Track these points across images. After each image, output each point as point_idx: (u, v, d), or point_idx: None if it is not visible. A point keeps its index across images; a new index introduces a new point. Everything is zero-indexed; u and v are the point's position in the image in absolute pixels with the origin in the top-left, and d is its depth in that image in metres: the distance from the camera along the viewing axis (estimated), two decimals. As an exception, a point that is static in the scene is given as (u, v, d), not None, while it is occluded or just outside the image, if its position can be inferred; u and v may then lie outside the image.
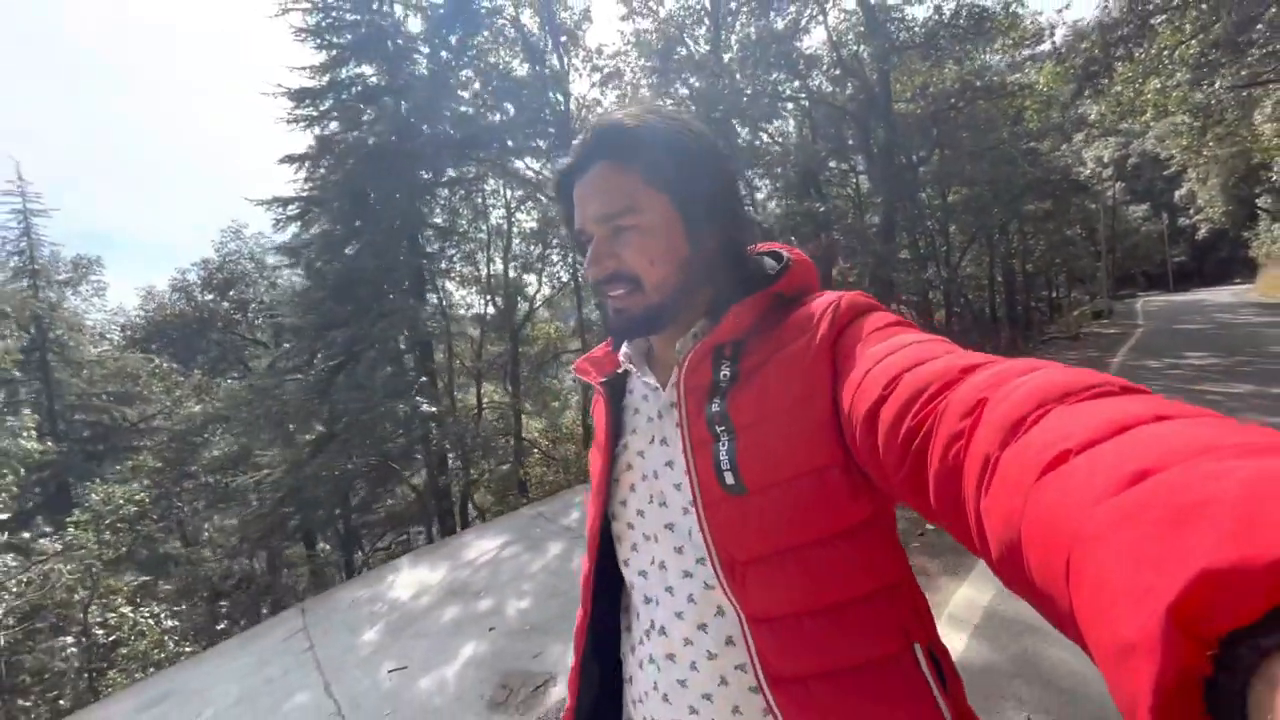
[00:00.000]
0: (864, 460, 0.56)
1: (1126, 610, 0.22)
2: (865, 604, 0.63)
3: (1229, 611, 0.19)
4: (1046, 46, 13.70)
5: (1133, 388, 0.35)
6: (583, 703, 0.82)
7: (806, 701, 0.63)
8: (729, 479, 0.65)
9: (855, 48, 15.89)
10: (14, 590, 6.83)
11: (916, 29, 13.69)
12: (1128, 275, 46.61)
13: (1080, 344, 17.23)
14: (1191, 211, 32.72)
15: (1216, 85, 12.48)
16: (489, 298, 14.27)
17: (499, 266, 14.97)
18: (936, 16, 13.50)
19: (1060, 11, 12.34)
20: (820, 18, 15.49)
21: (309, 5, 13.53)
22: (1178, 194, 32.99)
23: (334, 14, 13.73)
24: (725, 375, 0.68)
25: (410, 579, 5.31)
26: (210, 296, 17.28)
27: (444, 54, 10.98)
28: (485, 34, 11.35)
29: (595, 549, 0.81)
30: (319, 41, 13.63)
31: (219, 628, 10.63)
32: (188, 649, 8.72)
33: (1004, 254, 25.16)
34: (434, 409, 8.91)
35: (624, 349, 0.84)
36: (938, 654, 0.65)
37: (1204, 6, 8.90)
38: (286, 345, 10.92)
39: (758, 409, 0.65)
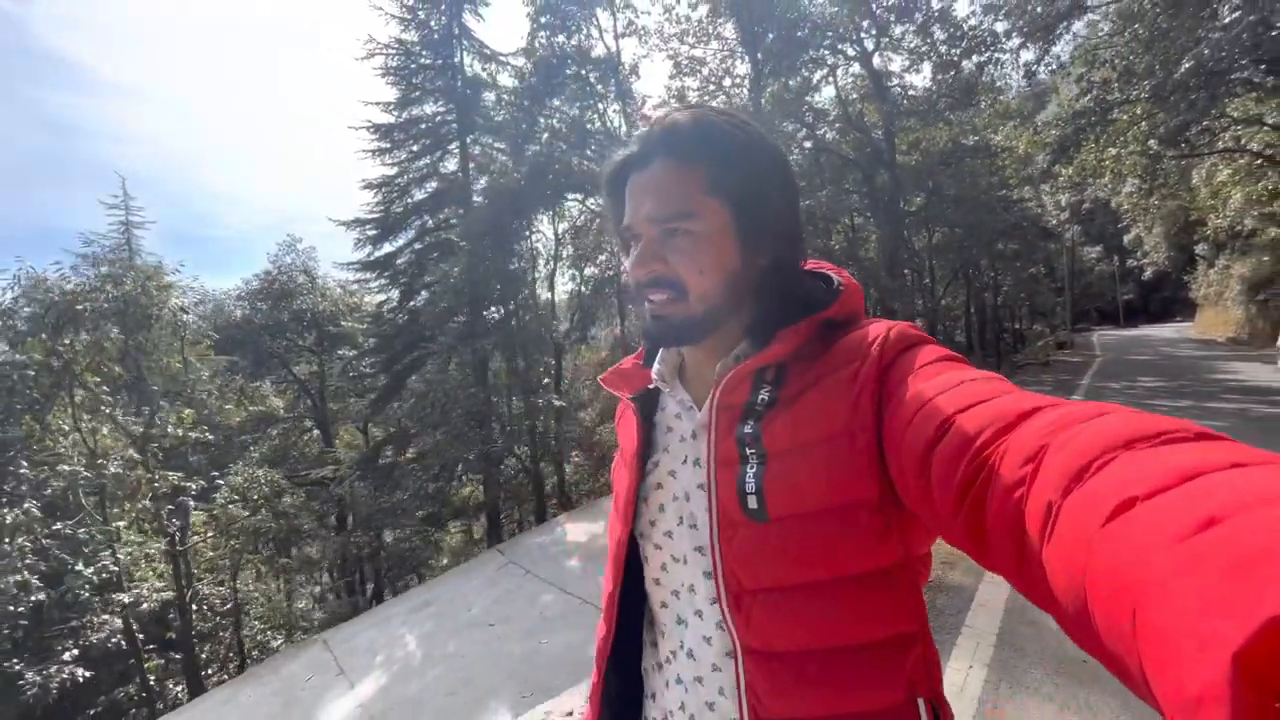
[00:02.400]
0: (914, 502, 0.54)
1: (1194, 659, 0.22)
2: (874, 651, 0.61)
3: None
4: (1028, 107, 16.22)
5: (1209, 434, 0.34)
6: (604, 717, 0.82)
7: None
8: (752, 503, 0.63)
9: (859, 106, 18.28)
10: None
11: (918, 96, 16.09)
12: (1084, 311, 50.50)
13: (1052, 369, 19.67)
14: (1139, 255, 36.30)
15: (1160, 156, 15.11)
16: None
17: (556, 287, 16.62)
18: (934, 87, 15.91)
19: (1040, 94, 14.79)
20: (831, 78, 17.84)
21: (392, 49, 15.21)
22: (1127, 238, 36.57)
23: (412, 58, 15.42)
24: (763, 399, 0.66)
25: (576, 529, 6.88)
26: (267, 305, 18.44)
27: (526, 102, 12.69)
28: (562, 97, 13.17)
29: (622, 568, 0.78)
30: (399, 81, 15.27)
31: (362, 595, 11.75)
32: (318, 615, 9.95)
33: (978, 289, 28.00)
34: (562, 403, 10.38)
35: (656, 365, 0.81)
36: (940, 709, 0.63)
37: (1151, 102, 11.34)
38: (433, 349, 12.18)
39: (793, 436, 0.62)
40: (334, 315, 18.68)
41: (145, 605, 7.21)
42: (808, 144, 17.83)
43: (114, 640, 7.73)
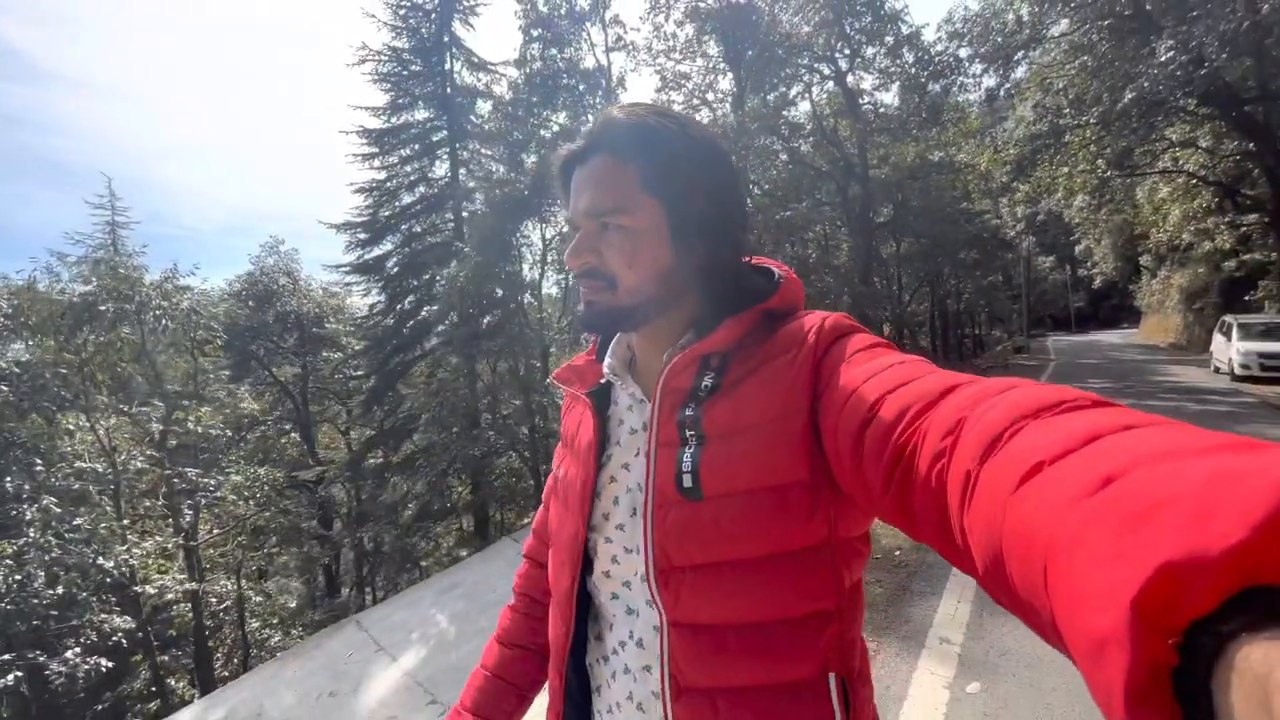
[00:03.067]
0: (848, 483, 0.56)
1: (1096, 607, 0.23)
2: (793, 626, 0.64)
3: (1189, 602, 0.20)
4: (991, 130, 17.37)
5: (1104, 401, 0.37)
6: (567, 715, 0.81)
7: (708, 715, 0.64)
8: (687, 481, 0.65)
9: (833, 121, 19.22)
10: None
11: (889, 114, 17.07)
12: (1039, 317, 52.98)
13: (1011, 372, 20.91)
14: (1089, 265, 38.49)
15: (1109, 174, 16.40)
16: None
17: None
18: (903, 106, 16.92)
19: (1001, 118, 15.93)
20: (807, 94, 18.74)
21: (383, 55, 15.46)
22: (1078, 249, 38.73)
23: (404, 65, 15.69)
24: (707, 384, 0.68)
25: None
26: (249, 307, 18.35)
27: (520, 111, 13.12)
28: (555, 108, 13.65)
29: (579, 563, 0.77)
30: (392, 88, 15.51)
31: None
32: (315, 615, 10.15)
33: (941, 296, 29.41)
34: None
35: (607, 359, 0.82)
36: (850, 685, 0.66)
37: (1099, 129, 12.44)
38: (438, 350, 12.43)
39: (733, 420, 0.65)
40: (318, 317, 18.69)
41: (170, 596, 7.38)
42: (783, 156, 18.69)
43: (115, 638, 7.84)
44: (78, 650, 6.49)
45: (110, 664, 6.56)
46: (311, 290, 19.64)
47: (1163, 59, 10.09)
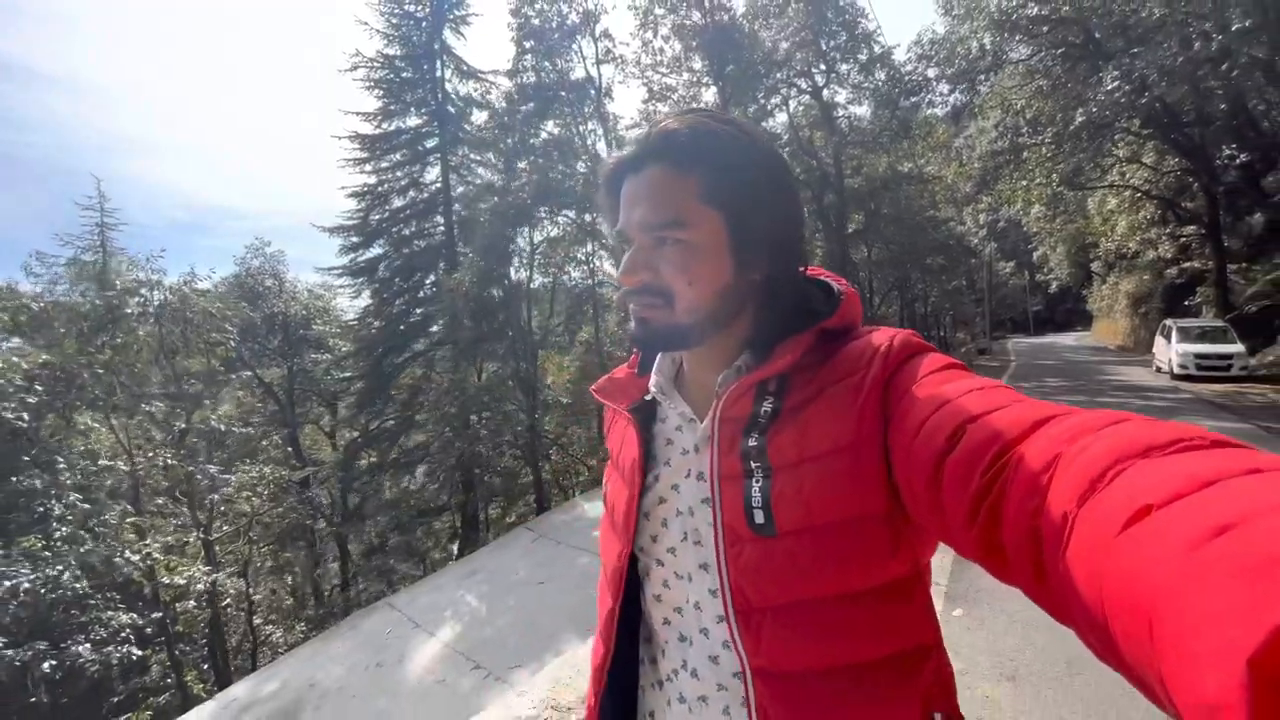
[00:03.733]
0: (922, 513, 0.53)
1: (1209, 667, 0.21)
2: (887, 668, 0.60)
3: None
4: (957, 145, 18.49)
5: (1226, 441, 0.34)
6: None
7: None
8: (759, 518, 0.62)
9: (809, 133, 20.15)
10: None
11: (862, 128, 18.09)
12: (1000, 320, 55.31)
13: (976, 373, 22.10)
14: (1045, 271, 40.50)
15: (1061, 188, 17.67)
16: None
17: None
18: (875, 120, 17.93)
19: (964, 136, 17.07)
20: (784, 106, 19.62)
21: (375, 62, 15.74)
22: (1035, 256, 40.73)
23: (396, 71, 15.99)
24: (766, 411, 0.65)
25: (595, 508, 7.86)
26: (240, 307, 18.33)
27: (518, 119, 13.60)
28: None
29: (622, 585, 0.75)
30: (386, 95, 15.80)
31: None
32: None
33: (909, 300, 30.78)
34: (567, 400, 11.23)
35: (654, 376, 0.79)
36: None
37: (1053, 147, 13.54)
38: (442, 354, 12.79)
39: (799, 449, 0.61)
40: (305, 319, 18.77)
41: (200, 586, 7.63)
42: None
43: (126, 632, 8.06)
44: (105, 640, 6.73)
45: (139, 652, 6.80)
46: (298, 292, 19.71)
47: (1109, 87, 11.13)
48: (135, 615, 7.57)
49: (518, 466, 13.91)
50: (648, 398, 0.79)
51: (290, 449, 18.51)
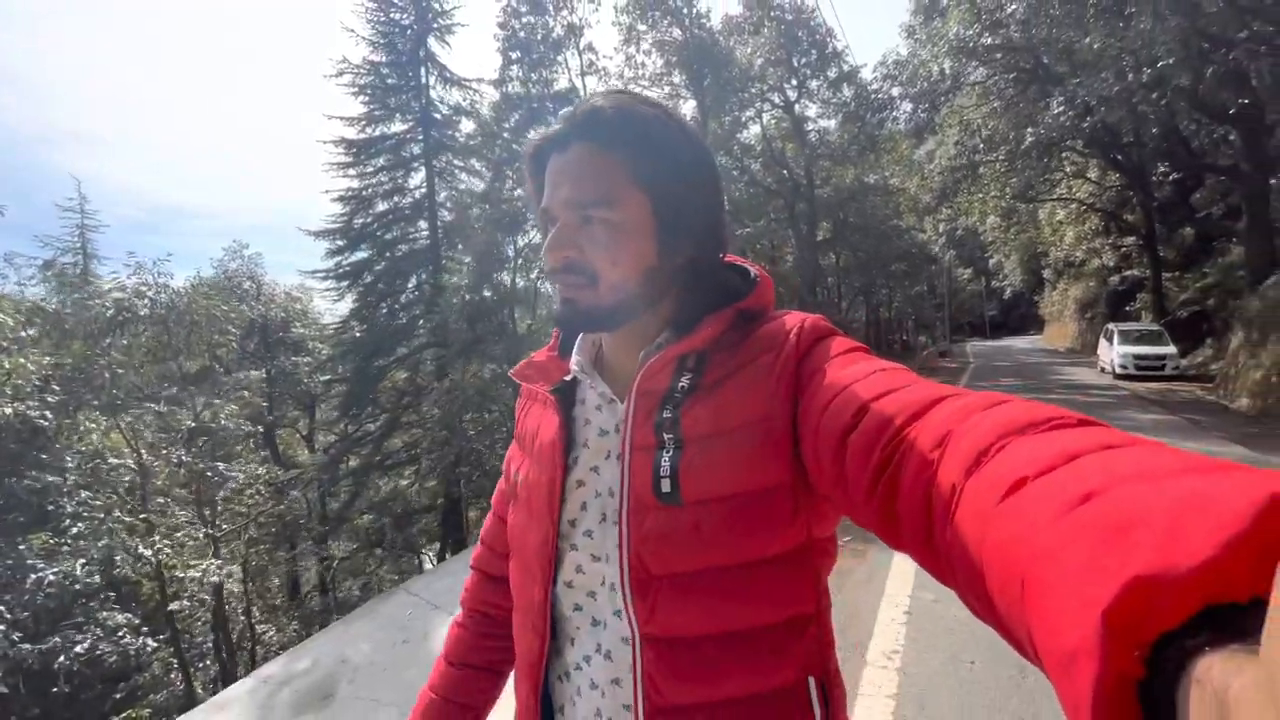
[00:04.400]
0: (826, 485, 0.56)
1: (1069, 620, 0.23)
2: (773, 632, 0.63)
3: (1157, 616, 0.21)
4: (920, 155, 19.63)
5: (1090, 421, 0.37)
6: None
7: None
8: (665, 486, 0.63)
9: (782, 144, 21.08)
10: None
11: (832, 141, 19.09)
12: (959, 324, 57.66)
13: (937, 374, 23.33)
14: (1001, 277, 42.62)
15: (1015, 200, 18.95)
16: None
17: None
18: (843, 135, 18.94)
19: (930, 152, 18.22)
20: (757, 118, 20.49)
21: (360, 69, 15.96)
22: (991, 263, 42.80)
23: (381, 77, 16.24)
24: (684, 385, 0.67)
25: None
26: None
27: (506, 129, 14.03)
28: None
29: (549, 570, 0.72)
30: (368, 101, 16.02)
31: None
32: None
33: (874, 305, 32.15)
34: None
35: (575, 356, 0.78)
36: (829, 686, 0.66)
37: (1006, 164, 14.64)
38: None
39: (714, 422, 0.63)
40: (284, 322, 18.74)
41: (216, 579, 7.81)
42: (743, 178, 20.34)
43: (120, 633, 8.21)
44: (115, 629, 6.91)
45: (154, 644, 6.97)
46: (276, 295, 19.64)
47: (1055, 111, 12.19)
48: (132, 614, 7.73)
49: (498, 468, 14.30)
50: (568, 378, 0.78)
51: (267, 452, 18.46)
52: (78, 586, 6.14)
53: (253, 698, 5.58)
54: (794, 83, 18.62)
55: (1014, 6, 12.62)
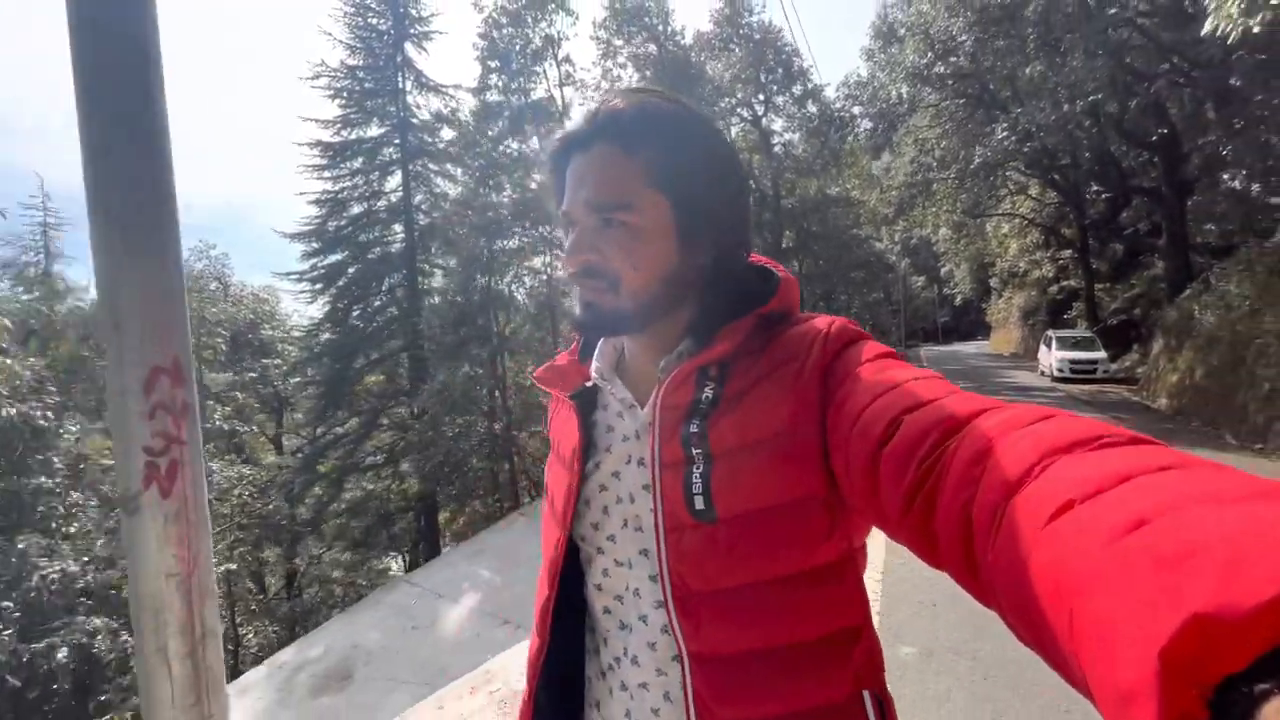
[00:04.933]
0: (858, 498, 0.55)
1: (1124, 656, 0.22)
2: (822, 647, 0.61)
3: (1220, 656, 0.19)
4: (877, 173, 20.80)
5: (1142, 439, 0.35)
6: None
7: None
8: (699, 504, 0.62)
9: (749, 156, 21.96)
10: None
11: (797, 155, 20.08)
12: (913, 330, 60.06)
13: (891, 377, 24.58)
14: (952, 285, 44.80)
15: (965, 214, 20.29)
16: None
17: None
18: (807, 149, 19.96)
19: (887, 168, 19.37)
20: (727, 131, 21.31)
21: (337, 72, 16.01)
22: (943, 271, 44.95)
23: (358, 81, 16.32)
24: (708, 397, 0.65)
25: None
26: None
27: (488, 137, 14.35)
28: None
29: (558, 574, 0.74)
30: (345, 104, 16.08)
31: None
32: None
33: (834, 311, 33.48)
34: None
35: (594, 362, 0.78)
36: (884, 700, 0.65)
37: (957, 181, 15.80)
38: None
39: (739, 435, 0.62)
40: (253, 324, 18.51)
41: (223, 568, 7.83)
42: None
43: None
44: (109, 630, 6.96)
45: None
46: (244, 296, 19.36)
47: (1000, 136, 13.29)
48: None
49: (487, 466, 14.57)
50: (589, 384, 0.78)
51: (234, 456, 18.16)
52: (79, 585, 6.21)
53: (270, 682, 5.86)
54: (761, 98, 19.51)
55: (963, 38, 13.70)
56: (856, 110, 18.20)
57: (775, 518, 0.60)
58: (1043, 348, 18.25)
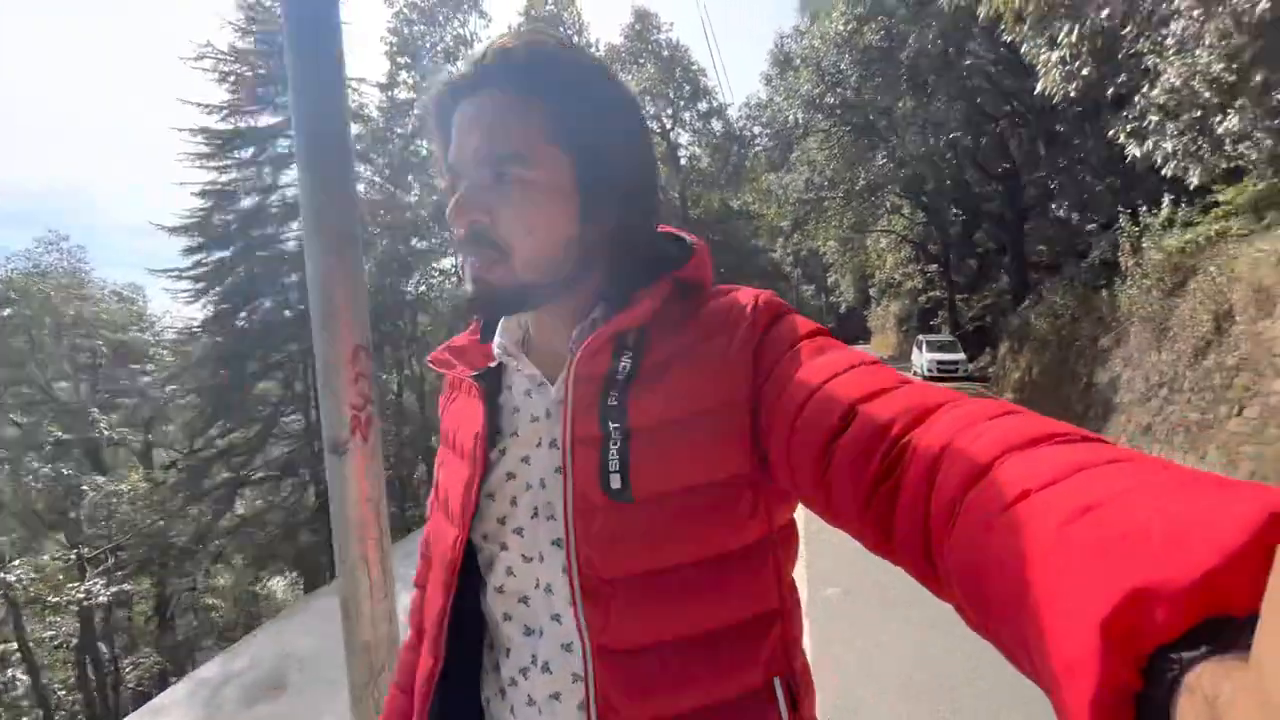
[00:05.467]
0: (804, 489, 0.52)
1: (1067, 630, 0.23)
2: (736, 634, 0.59)
3: (1156, 628, 0.20)
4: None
5: (1092, 437, 0.37)
6: None
7: None
8: (615, 483, 0.57)
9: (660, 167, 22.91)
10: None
11: (703, 169, 21.26)
12: (803, 334, 64.47)
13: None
14: (838, 293, 48.75)
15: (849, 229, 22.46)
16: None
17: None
18: (713, 164, 21.21)
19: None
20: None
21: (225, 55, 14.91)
22: (830, 280, 48.82)
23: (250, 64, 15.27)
24: (625, 367, 0.60)
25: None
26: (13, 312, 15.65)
27: (397, 135, 13.96)
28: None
29: (455, 579, 0.66)
30: (233, 90, 14.98)
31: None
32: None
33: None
34: None
35: (497, 338, 0.70)
36: (795, 686, 0.62)
37: (844, 200, 17.58)
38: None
39: (662, 409, 0.58)
40: (120, 325, 16.62)
41: (102, 598, 7.03)
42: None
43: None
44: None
45: (24, 678, 6.26)
46: (103, 297, 17.29)
47: (879, 162, 15.00)
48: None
49: (395, 473, 14.11)
50: (493, 364, 0.71)
51: (94, 470, 16.17)
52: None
53: (193, 699, 5.51)
54: (670, 113, 20.47)
55: (849, 73, 15.33)
56: (757, 129, 19.60)
57: (697, 498, 0.58)
58: (915, 350, 20.52)
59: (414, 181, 13.91)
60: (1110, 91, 7.68)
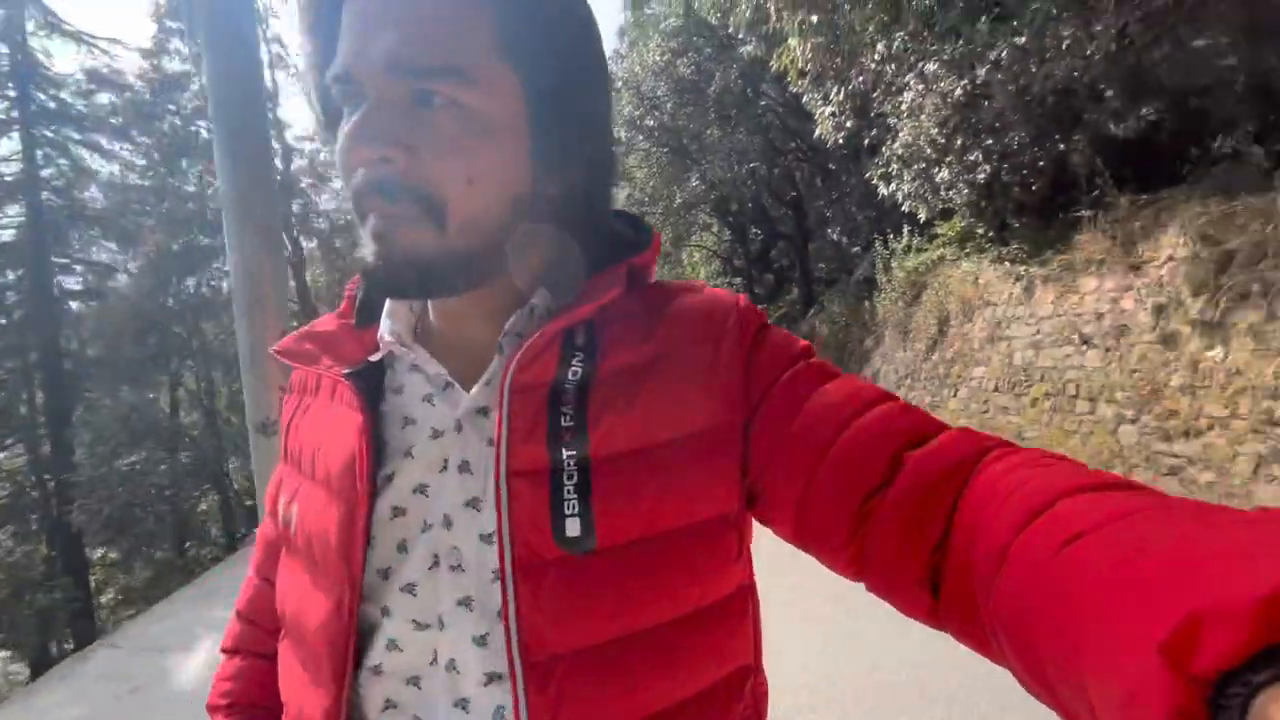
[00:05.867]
0: (821, 544, 0.45)
1: (1125, 658, 0.23)
2: (709, 698, 0.48)
3: (1217, 651, 0.20)
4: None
5: (1135, 484, 0.36)
6: None
7: None
8: (572, 529, 0.44)
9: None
10: None
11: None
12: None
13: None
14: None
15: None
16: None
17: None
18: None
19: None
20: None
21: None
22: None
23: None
24: (576, 374, 0.47)
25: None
26: None
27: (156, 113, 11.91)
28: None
29: (347, 659, 0.48)
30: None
31: None
32: None
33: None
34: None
35: (385, 322, 0.53)
36: None
37: (663, 216, 19.14)
38: None
39: (638, 433, 0.46)
40: None
41: None
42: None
43: None
44: None
45: None
46: None
47: (693, 183, 16.59)
48: None
49: (170, 509, 11.92)
50: (375, 357, 0.53)
51: None
52: None
53: None
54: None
55: (665, 99, 16.73)
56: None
57: (677, 544, 0.47)
58: (726, 354, 22.93)
59: (193, 168, 12.01)
60: (866, 141, 9.60)
